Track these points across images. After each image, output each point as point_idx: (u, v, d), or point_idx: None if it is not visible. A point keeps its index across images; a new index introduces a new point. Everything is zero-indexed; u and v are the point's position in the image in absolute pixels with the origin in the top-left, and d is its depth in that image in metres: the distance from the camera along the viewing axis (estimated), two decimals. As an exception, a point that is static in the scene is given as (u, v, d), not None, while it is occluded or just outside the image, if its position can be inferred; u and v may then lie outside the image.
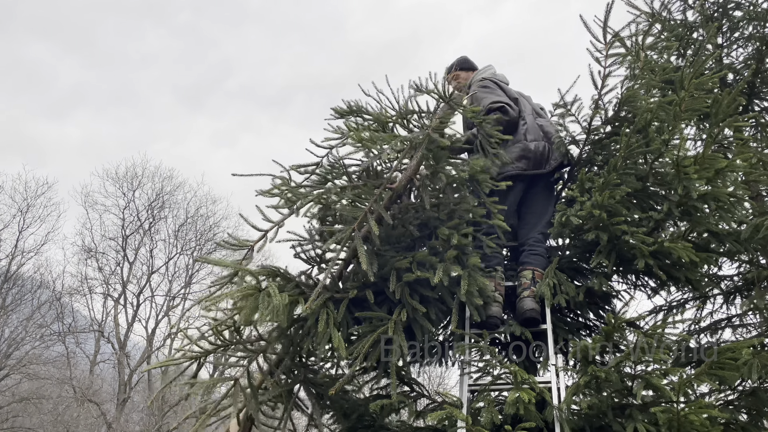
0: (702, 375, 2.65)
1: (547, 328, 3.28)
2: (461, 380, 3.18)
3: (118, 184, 24.23)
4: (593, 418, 2.93)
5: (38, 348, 20.49)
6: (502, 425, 2.72)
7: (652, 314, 4.82)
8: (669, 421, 2.60)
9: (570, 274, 3.61)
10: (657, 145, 3.35)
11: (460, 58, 4.48)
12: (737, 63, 5.25)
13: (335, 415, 3.54)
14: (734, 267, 4.67)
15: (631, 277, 3.76)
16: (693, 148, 4.89)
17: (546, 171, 3.82)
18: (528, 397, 2.71)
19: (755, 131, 5.19)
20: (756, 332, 4.65)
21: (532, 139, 3.84)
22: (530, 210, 3.82)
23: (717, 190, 3.21)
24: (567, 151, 3.82)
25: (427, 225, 3.38)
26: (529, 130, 3.89)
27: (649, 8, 5.38)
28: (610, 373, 2.72)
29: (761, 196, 4.79)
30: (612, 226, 3.21)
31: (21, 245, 21.22)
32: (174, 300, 23.48)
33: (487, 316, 3.34)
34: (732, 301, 4.69)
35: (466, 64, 4.43)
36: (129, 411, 21.87)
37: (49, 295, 21.95)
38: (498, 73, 4.30)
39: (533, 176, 3.81)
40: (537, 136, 3.86)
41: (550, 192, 3.90)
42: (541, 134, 3.88)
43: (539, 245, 3.67)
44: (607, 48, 3.71)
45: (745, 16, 5.16)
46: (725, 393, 3.79)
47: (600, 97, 3.79)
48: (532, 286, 3.42)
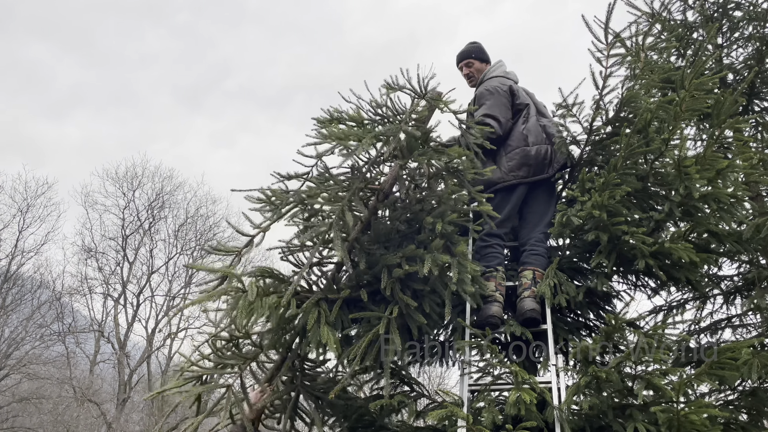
0: (702, 375, 2.65)
1: (547, 328, 3.28)
2: (461, 380, 3.18)
3: (118, 184, 24.24)
4: (593, 418, 2.94)
5: (38, 348, 20.49)
6: (503, 425, 2.73)
7: (652, 314, 4.82)
8: (669, 421, 2.60)
9: (570, 274, 3.62)
10: (657, 145, 3.35)
11: (476, 45, 4.34)
12: (737, 63, 5.25)
13: (335, 415, 3.54)
14: (734, 267, 4.67)
15: (631, 277, 3.76)
16: (693, 149, 4.90)
17: (548, 175, 3.81)
18: (529, 397, 2.72)
19: (755, 131, 5.19)
20: (756, 332, 4.65)
21: (533, 142, 3.81)
22: (531, 210, 3.82)
23: (718, 190, 3.21)
24: (569, 152, 3.82)
25: (415, 220, 3.38)
26: (531, 132, 3.85)
27: (649, 8, 5.39)
28: (610, 374, 2.72)
29: (761, 197, 4.79)
30: (612, 227, 3.21)
31: (21, 245, 21.23)
32: (174, 300, 23.47)
33: (488, 316, 3.34)
34: (732, 301, 4.69)
35: (483, 55, 4.32)
36: (129, 411, 21.87)
37: (49, 295, 21.95)
38: (508, 70, 4.25)
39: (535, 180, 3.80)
40: (538, 139, 3.83)
41: (552, 192, 3.90)
42: (543, 136, 3.86)
43: (539, 245, 3.67)
44: (608, 48, 3.71)
45: (745, 16, 5.16)
46: (725, 393, 3.79)
47: (601, 97, 3.79)
48: (532, 287, 3.43)
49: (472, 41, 4.42)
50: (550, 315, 3.32)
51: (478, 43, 4.38)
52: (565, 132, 3.94)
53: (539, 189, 3.83)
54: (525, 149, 3.79)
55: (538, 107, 4.07)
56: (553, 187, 3.92)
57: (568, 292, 3.31)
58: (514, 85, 4.10)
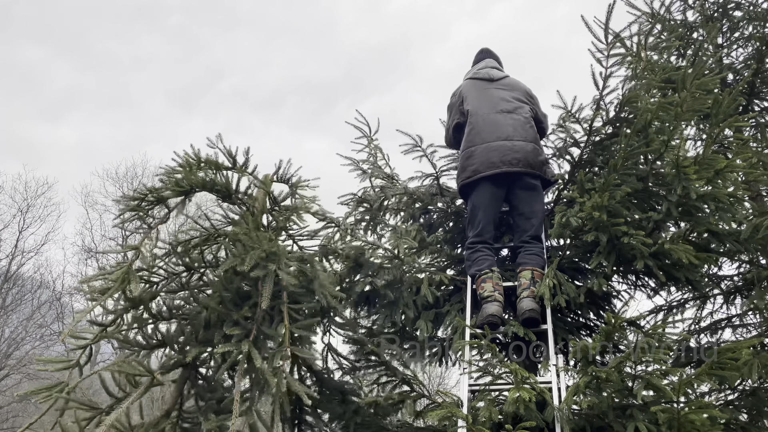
0: (702, 375, 2.65)
1: (547, 328, 3.28)
2: (461, 380, 3.18)
3: (118, 184, 24.20)
4: (594, 418, 2.94)
5: (38, 348, 20.47)
6: (503, 425, 2.73)
7: (652, 314, 4.82)
8: (669, 421, 2.60)
9: (570, 275, 3.62)
10: (657, 146, 3.35)
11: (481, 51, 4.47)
12: (737, 63, 5.25)
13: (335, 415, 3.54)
14: (734, 267, 4.67)
15: (631, 277, 3.77)
16: (693, 149, 4.90)
17: (508, 170, 3.68)
18: (528, 395, 2.72)
19: (755, 131, 5.19)
20: (756, 332, 4.64)
21: (484, 140, 3.77)
22: (516, 211, 3.82)
23: (717, 190, 3.21)
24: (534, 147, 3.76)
25: None
26: (479, 132, 3.82)
27: (650, 8, 5.38)
28: (610, 373, 2.72)
29: (761, 196, 4.79)
30: (612, 227, 3.21)
31: (21, 245, 21.20)
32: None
33: (487, 315, 3.34)
34: (732, 301, 4.68)
35: (475, 59, 4.43)
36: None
37: (49, 295, 21.93)
38: (479, 70, 4.21)
39: (502, 179, 3.71)
40: (488, 138, 3.77)
41: (533, 191, 3.77)
42: (495, 133, 3.76)
43: (532, 244, 3.65)
44: (608, 48, 3.70)
45: (745, 16, 5.16)
46: (725, 393, 3.79)
47: (602, 97, 3.79)
48: (531, 287, 3.42)
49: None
50: (550, 315, 3.33)
51: (480, 48, 4.48)
52: (565, 133, 3.94)
53: (516, 188, 3.75)
54: (469, 149, 3.82)
55: (503, 98, 3.96)
56: (533, 186, 3.77)
57: (567, 292, 3.31)
58: (465, 86, 4.15)
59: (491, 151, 3.72)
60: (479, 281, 3.52)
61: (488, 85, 4.06)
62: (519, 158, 3.69)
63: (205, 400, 2.77)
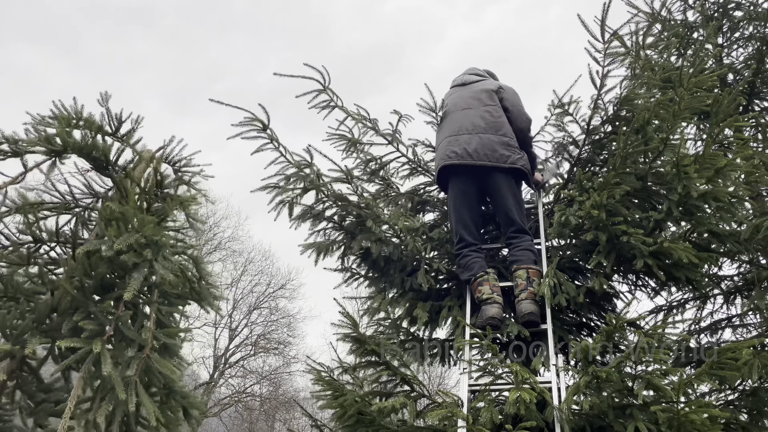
0: (702, 375, 2.65)
1: (547, 328, 3.28)
2: (461, 380, 3.17)
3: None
4: (594, 417, 2.93)
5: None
6: (503, 425, 2.72)
7: (653, 314, 4.82)
8: (669, 421, 2.60)
9: (570, 274, 3.61)
10: (656, 144, 3.34)
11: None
12: (737, 63, 5.25)
13: (335, 415, 3.53)
14: (734, 267, 4.67)
15: (631, 277, 3.76)
16: (693, 148, 4.90)
17: (463, 163, 3.68)
18: (529, 396, 2.71)
19: (755, 131, 5.18)
20: (756, 332, 4.64)
21: (445, 136, 3.87)
22: (495, 207, 3.85)
23: (717, 189, 3.20)
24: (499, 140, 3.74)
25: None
26: (442, 129, 3.96)
27: (649, 8, 5.38)
28: (610, 373, 2.71)
29: (761, 196, 4.79)
30: (611, 226, 3.20)
31: (21, 246, 21.25)
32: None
33: (487, 317, 3.33)
34: (732, 301, 4.69)
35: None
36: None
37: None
38: (457, 77, 4.30)
39: (468, 174, 3.73)
40: (453, 131, 3.83)
41: (505, 184, 3.72)
42: (456, 128, 3.82)
43: (519, 238, 3.63)
44: (605, 47, 3.69)
45: (746, 16, 5.16)
46: (725, 393, 3.79)
47: (599, 96, 3.78)
48: (529, 287, 3.40)
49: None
50: (550, 315, 3.32)
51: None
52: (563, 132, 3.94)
53: (487, 182, 3.74)
54: (439, 147, 3.91)
55: (474, 96, 3.99)
56: (506, 180, 3.72)
57: (568, 292, 3.30)
58: (446, 95, 4.22)
59: (449, 145, 3.79)
60: (475, 285, 3.50)
61: (461, 89, 4.14)
62: (477, 149, 3.68)
63: (36, 400, 2.24)
